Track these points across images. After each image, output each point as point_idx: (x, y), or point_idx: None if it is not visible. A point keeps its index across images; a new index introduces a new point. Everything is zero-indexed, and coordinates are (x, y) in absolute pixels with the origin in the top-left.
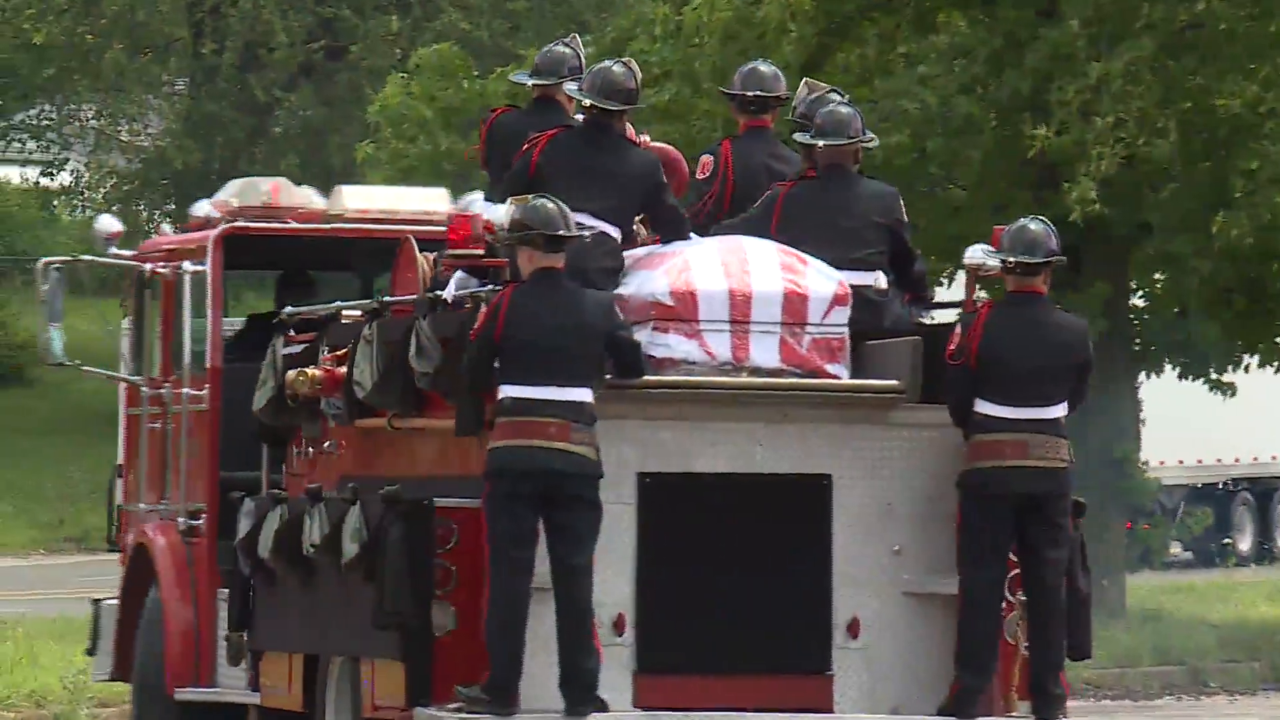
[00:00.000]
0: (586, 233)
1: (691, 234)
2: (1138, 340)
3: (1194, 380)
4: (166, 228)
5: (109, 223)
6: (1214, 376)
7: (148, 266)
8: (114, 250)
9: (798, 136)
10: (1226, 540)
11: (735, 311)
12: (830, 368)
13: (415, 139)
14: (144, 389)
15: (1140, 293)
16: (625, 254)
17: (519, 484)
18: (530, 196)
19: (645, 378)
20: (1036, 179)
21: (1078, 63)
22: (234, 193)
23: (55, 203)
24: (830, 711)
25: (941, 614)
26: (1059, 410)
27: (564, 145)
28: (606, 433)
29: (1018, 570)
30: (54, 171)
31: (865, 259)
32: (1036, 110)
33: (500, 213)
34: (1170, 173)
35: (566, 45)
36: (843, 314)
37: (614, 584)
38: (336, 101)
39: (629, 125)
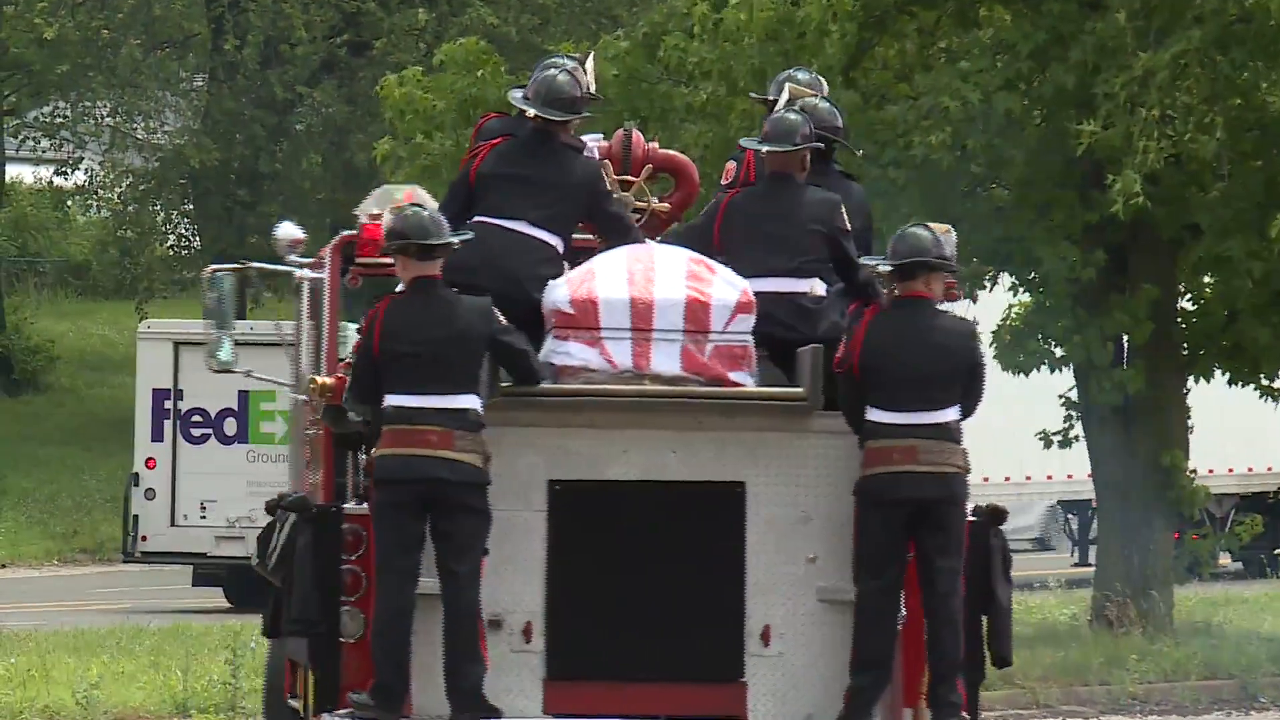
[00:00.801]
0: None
1: (646, 240)
2: (1185, 345)
3: (1243, 386)
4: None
5: (290, 229)
6: (1264, 382)
7: (308, 274)
8: (293, 258)
9: (743, 141)
10: (1278, 550)
11: (637, 319)
12: (733, 375)
13: (431, 135)
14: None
15: (1188, 296)
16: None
17: (401, 492)
18: (406, 205)
19: (558, 386)
20: (1082, 178)
21: (1124, 56)
22: (374, 201)
23: (69, 203)
24: (743, 718)
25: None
26: (949, 415)
27: (505, 155)
28: (517, 441)
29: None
30: (68, 171)
31: (801, 266)
32: (1082, 106)
33: None
34: (1218, 171)
35: (569, 74)
36: (746, 322)
37: (524, 592)
38: (360, 98)
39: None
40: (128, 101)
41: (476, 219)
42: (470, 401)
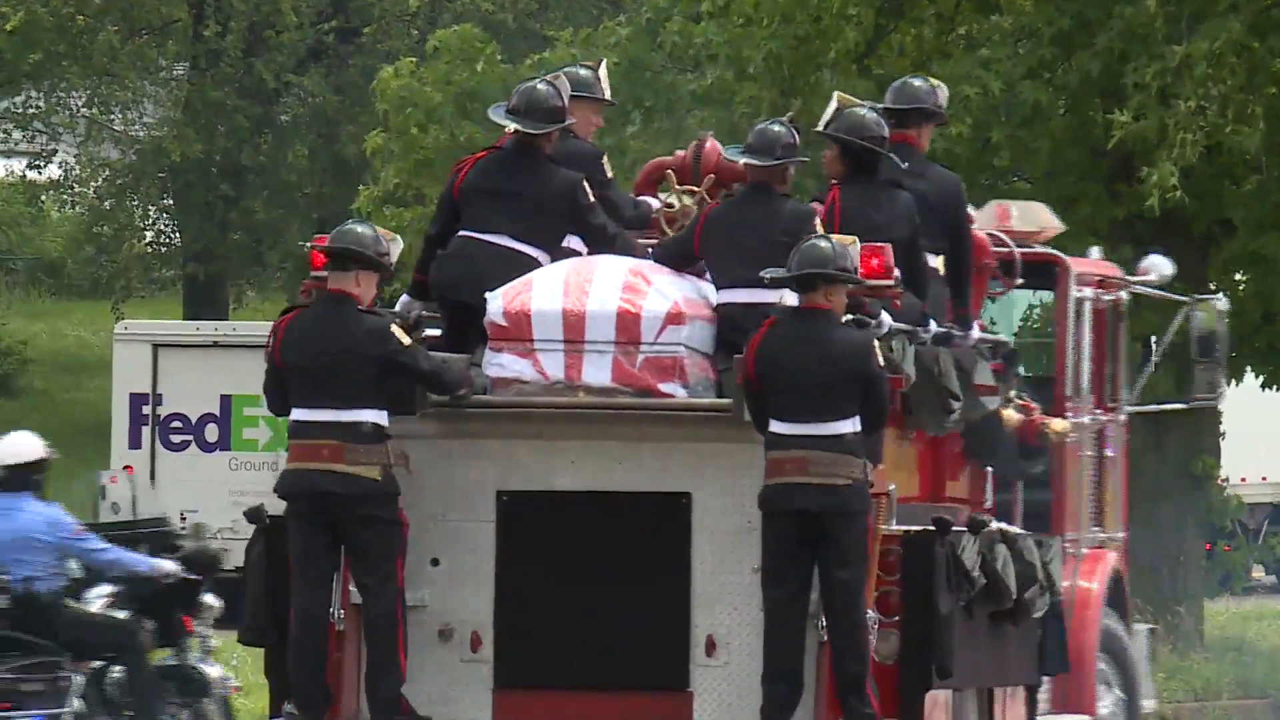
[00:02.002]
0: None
1: (635, 247)
2: None
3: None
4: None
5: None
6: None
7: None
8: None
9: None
10: None
11: (568, 331)
12: (663, 386)
13: (426, 128)
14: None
15: (1221, 295)
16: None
17: (299, 505)
18: (349, 221)
19: (505, 398)
20: (1109, 171)
21: (1155, 43)
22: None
23: (43, 198)
24: None
25: (812, 631)
26: (843, 427)
27: (486, 168)
28: (466, 452)
29: (890, 590)
30: (42, 164)
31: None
32: (1109, 96)
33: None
34: (1253, 164)
35: (549, 84)
36: (677, 333)
37: (472, 601)
38: (349, 87)
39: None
40: (104, 91)
41: (460, 234)
42: (365, 415)
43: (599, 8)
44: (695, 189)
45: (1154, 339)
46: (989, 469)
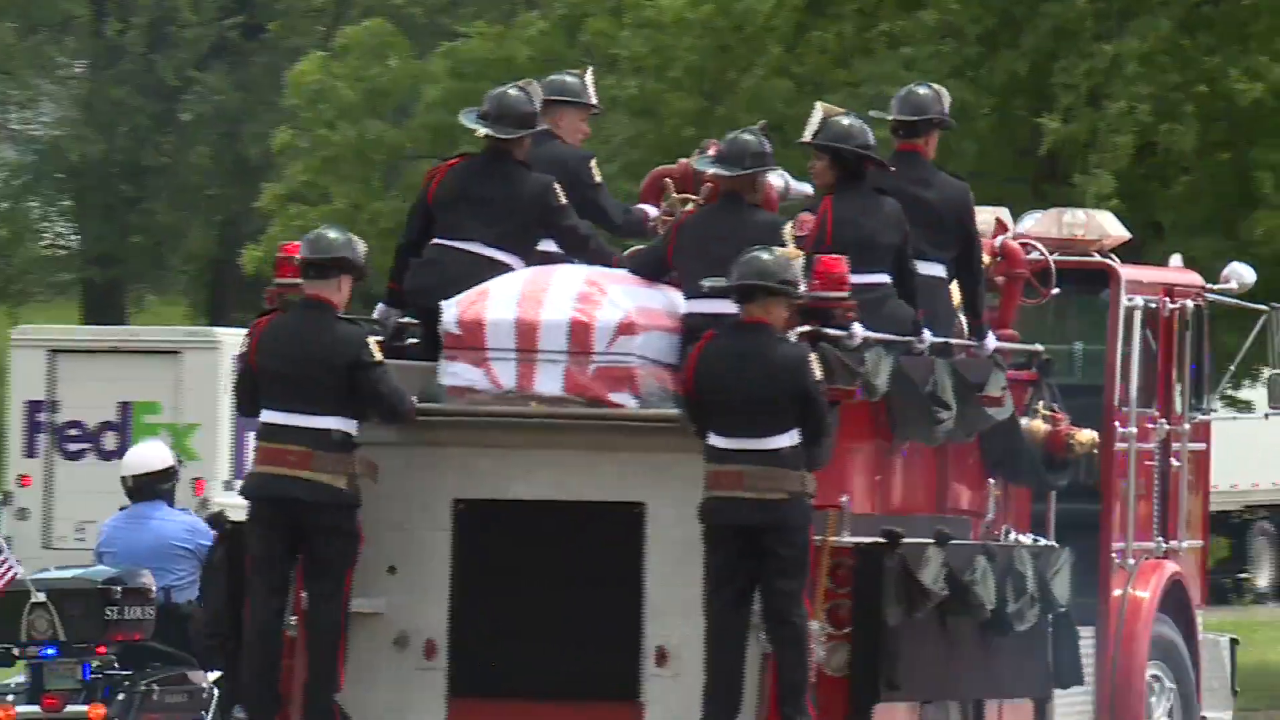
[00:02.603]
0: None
1: (608, 252)
2: None
3: None
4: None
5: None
6: (1229, 393)
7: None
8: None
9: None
10: (1244, 575)
11: (522, 340)
12: (614, 396)
13: (335, 125)
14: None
15: None
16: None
17: (263, 509)
18: (321, 228)
19: (463, 406)
20: (1037, 171)
21: (1084, 42)
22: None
23: None
24: None
25: (755, 642)
26: (780, 441)
27: (459, 175)
28: (424, 460)
29: (841, 603)
30: None
31: None
32: (1036, 95)
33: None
34: (1185, 166)
35: (521, 90)
36: (629, 343)
37: (428, 610)
38: (253, 85)
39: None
40: (1, 90)
41: (434, 241)
42: (335, 423)
43: (510, 2)
44: (693, 197)
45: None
46: (990, 480)
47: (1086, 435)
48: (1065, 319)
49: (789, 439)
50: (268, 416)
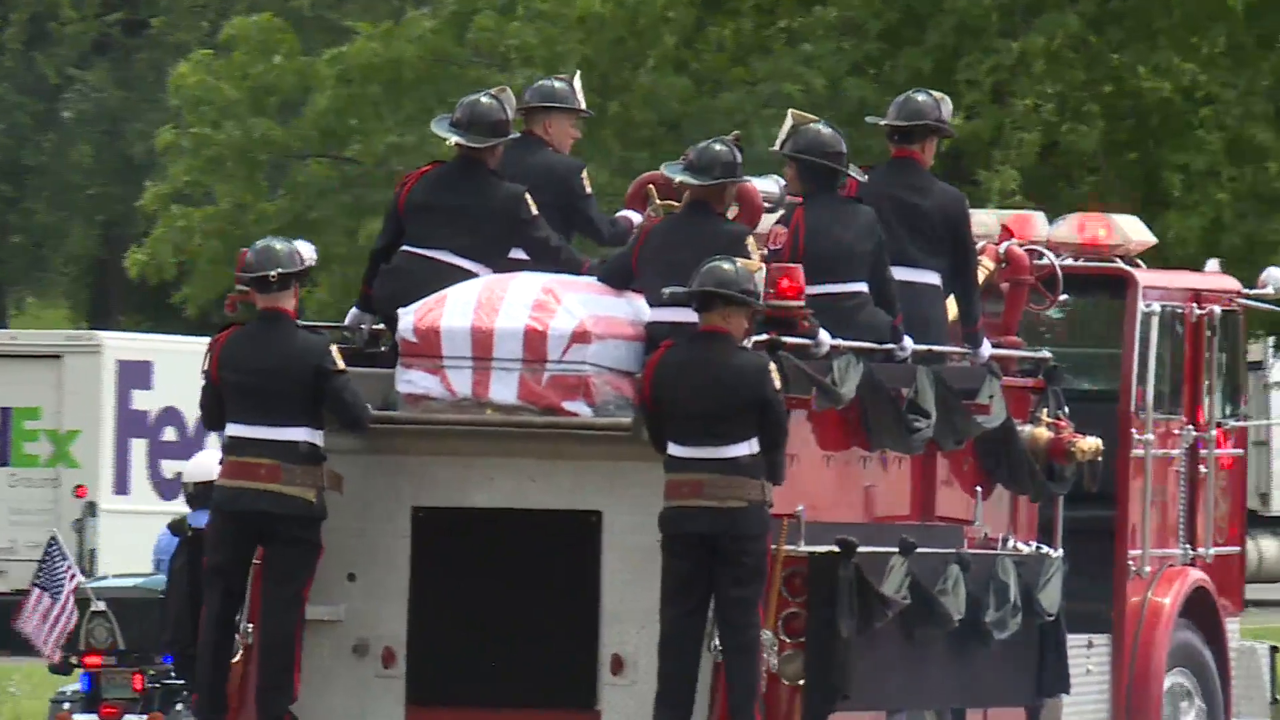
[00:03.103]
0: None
1: (579, 261)
2: None
3: None
4: (1213, 264)
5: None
6: None
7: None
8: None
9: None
10: None
11: (477, 348)
12: (568, 405)
13: (220, 124)
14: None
15: None
16: None
17: (229, 521)
18: (266, 240)
19: (423, 414)
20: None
21: (989, 39)
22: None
23: None
24: None
25: (707, 650)
26: (739, 450)
27: (430, 183)
28: (384, 467)
29: (791, 612)
30: None
31: None
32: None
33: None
34: (1091, 165)
35: (493, 98)
36: (582, 352)
37: (387, 617)
38: (136, 82)
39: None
40: None
41: (403, 249)
42: (302, 434)
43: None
44: (676, 205)
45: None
46: (979, 488)
47: (1089, 443)
48: (1091, 325)
49: (748, 447)
50: (233, 430)
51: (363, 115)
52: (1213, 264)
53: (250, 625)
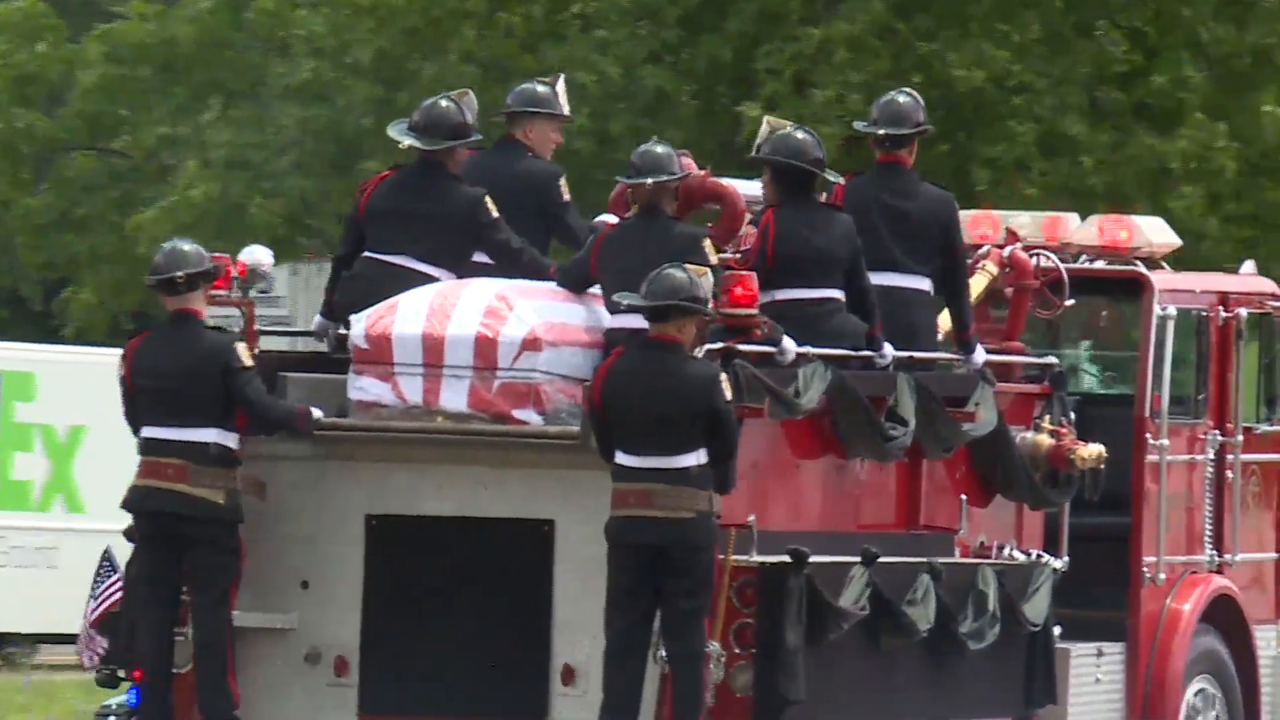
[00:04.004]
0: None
1: (543, 264)
2: None
3: None
4: (1248, 265)
5: None
6: None
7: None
8: None
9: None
10: None
11: (428, 355)
12: (518, 413)
13: None
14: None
15: None
16: None
17: (141, 523)
18: (172, 242)
19: (375, 422)
20: (744, 166)
21: (790, 26)
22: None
23: None
24: None
25: (653, 661)
26: (687, 460)
27: (390, 188)
28: (337, 475)
29: (743, 623)
30: None
31: None
32: (741, 83)
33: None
34: None
35: (452, 101)
36: (533, 359)
37: (339, 626)
38: None
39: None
40: None
41: (364, 255)
42: (212, 435)
43: None
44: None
45: None
46: (963, 497)
47: (1090, 450)
48: (1124, 328)
49: (696, 458)
50: (147, 432)
51: (132, 102)
52: (1248, 266)
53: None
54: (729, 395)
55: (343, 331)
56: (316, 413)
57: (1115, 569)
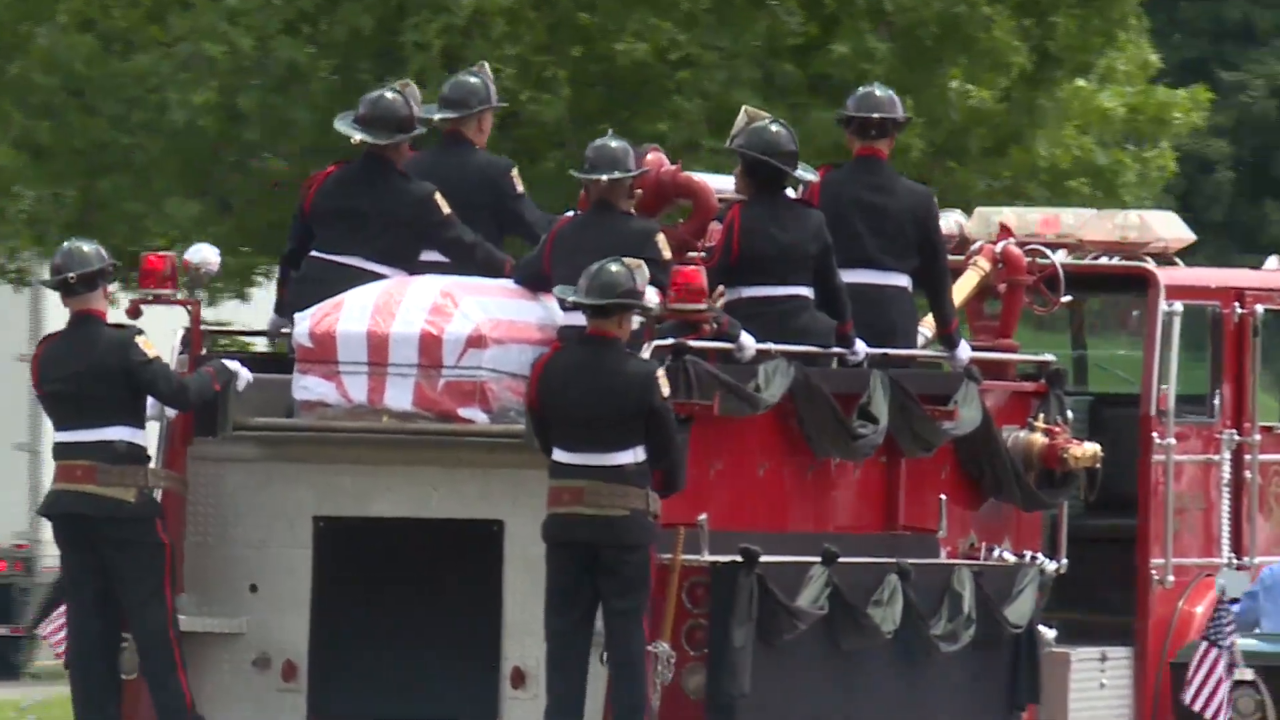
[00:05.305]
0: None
1: (499, 258)
2: None
3: None
4: (1272, 260)
5: None
6: None
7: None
8: None
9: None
10: None
11: (373, 354)
12: (464, 411)
13: None
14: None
15: None
16: None
17: (57, 526)
18: (71, 242)
19: (321, 422)
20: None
21: None
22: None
23: None
24: None
25: (596, 662)
26: (623, 457)
27: (335, 185)
28: (284, 477)
29: (694, 624)
30: None
31: None
32: (385, 57)
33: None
34: (556, 139)
35: (397, 92)
36: (478, 357)
37: (288, 630)
38: None
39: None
40: None
41: (312, 255)
42: (119, 433)
43: None
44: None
45: None
46: (942, 496)
47: (1085, 450)
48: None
49: (632, 455)
50: (58, 436)
51: None
52: (1272, 261)
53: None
54: (666, 392)
55: (285, 330)
56: (232, 365)
57: (1126, 572)
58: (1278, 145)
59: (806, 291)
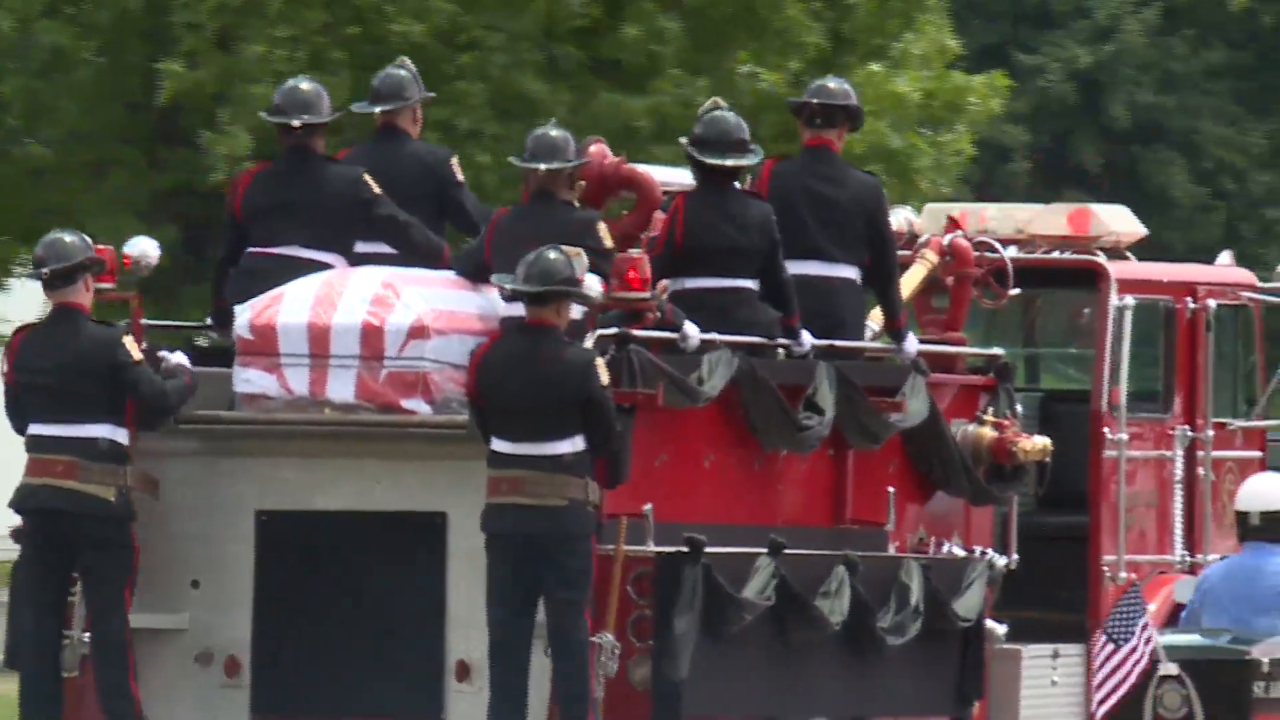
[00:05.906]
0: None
1: (433, 239)
2: None
3: None
4: (1224, 256)
5: None
6: None
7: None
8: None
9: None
10: None
11: (314, 346)
12: (406, 402)
13: None
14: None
15: None
16: None
17: (28, 521)
18: (54, 233)
19: (265, 415)
20: (155, 132)
21: None
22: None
23: None
24: None
25: (540, 655)
26: (562, 447)
27: (263, 181)
28: (227, 470)
29: (640, 615)
30: None
31: None
32: (154, 38)
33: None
34: (334, 125)
35: (312, 83)
36: (420, 347)
37: (231, 625)
38: None
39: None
40: None
41: (249, 251)
42: (102, 430)
43: None
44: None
45: None
46: (891, 490)
47: (1034, 443)
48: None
49: (571, 444)
50: (34, 429)
51: None
52: (1224, 256)
53: (86, 636)
54: (605, 380)
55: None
56: (175, 358)
57: (1078, 569)
58: (1074, 131)
59: (751, 284)
